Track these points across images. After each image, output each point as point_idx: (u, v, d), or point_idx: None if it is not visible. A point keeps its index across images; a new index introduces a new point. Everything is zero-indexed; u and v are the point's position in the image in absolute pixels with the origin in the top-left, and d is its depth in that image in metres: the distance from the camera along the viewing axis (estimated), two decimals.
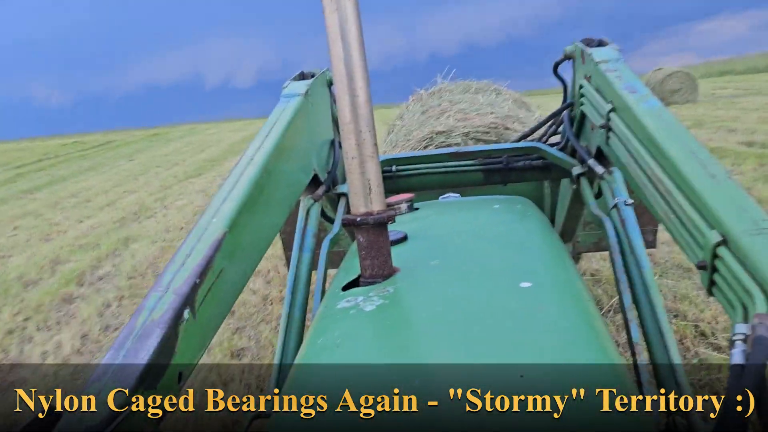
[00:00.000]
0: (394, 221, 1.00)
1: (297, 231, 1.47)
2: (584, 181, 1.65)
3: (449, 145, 3.21)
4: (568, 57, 1.83)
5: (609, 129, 1.43)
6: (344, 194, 1.72)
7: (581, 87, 1.68)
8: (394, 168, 2.04)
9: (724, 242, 0.87)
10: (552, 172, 1.92)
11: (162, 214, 7.49)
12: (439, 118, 3.53)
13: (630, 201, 1.33)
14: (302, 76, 1.73)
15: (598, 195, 1.56)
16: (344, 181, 1.48)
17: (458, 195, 1.73)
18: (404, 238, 1.20)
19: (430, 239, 1.25)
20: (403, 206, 1.15)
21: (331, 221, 1.70)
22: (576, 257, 2.82)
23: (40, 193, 10.50)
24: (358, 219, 0.96)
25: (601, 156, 1.58)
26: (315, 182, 1.61)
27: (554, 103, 2.24)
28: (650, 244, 2.44)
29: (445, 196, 1.73)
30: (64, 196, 9.82)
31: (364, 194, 0.96)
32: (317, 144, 1.68)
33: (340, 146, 1.39)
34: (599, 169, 1.53)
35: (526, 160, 1.94)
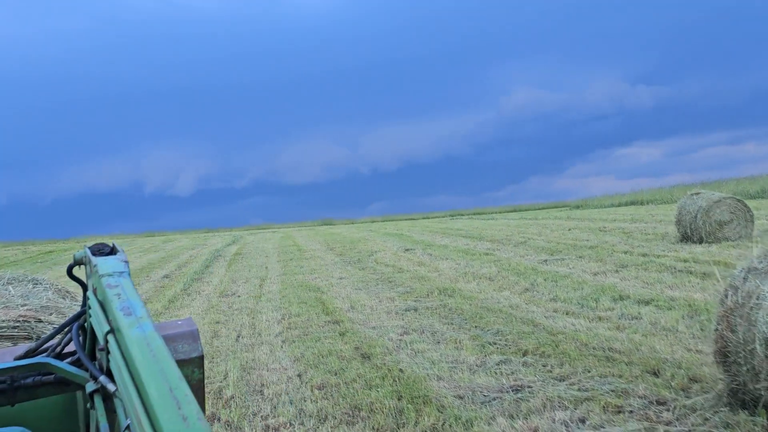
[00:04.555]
0: None
1: None
2: (98, 399, 1.56)
3: None
4: (78, 263, 1.78)
5: (108, 352, 1.42)
6: None
7: (89, 299, 1.69)
8: None
9: None
10: (71, 386, 1.76)
11: None
12: None
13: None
14: None
15: (114, 413, 1.46)
16: None
17: None
18: None
19: None
20: None
21: None
22: None
23: None
24: None
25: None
26: None
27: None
28: None
29: None
30: None
31: None
32: None
33: None
34: (111, 387, 1.44)
35: (38, 375, 1.75)
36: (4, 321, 3.09)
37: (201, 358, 1.79)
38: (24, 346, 1.95)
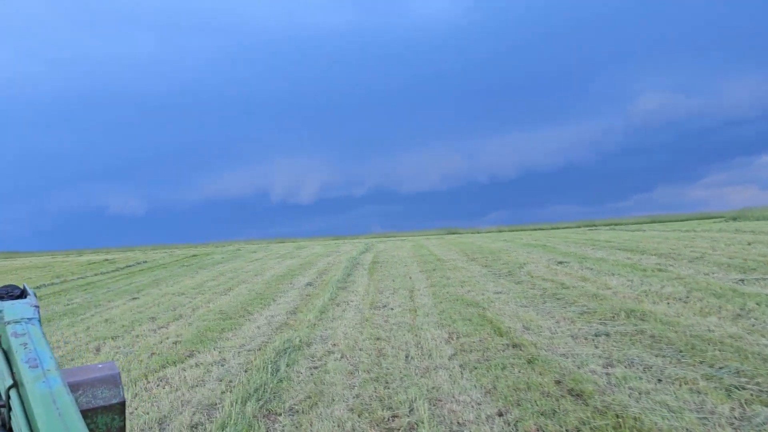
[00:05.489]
0: None
1: None
2: None
3: None
4: None
5: (9, 408, 1.31)
6: None
7: None
8: None
9: None
10: None
11: None
12: None
13: None
14: None
15: None
16: None
17: None
18: None
19: None
20: None
21: None
22: None
23: None
24: None
25: None
26: None
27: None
28: None
29: None
30: None
31: None
32: None
33: None
34: None
35: None
36: None
37: (122, 404, 1.67)
38: None
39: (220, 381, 5.87)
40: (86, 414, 1.61)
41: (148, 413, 5.00)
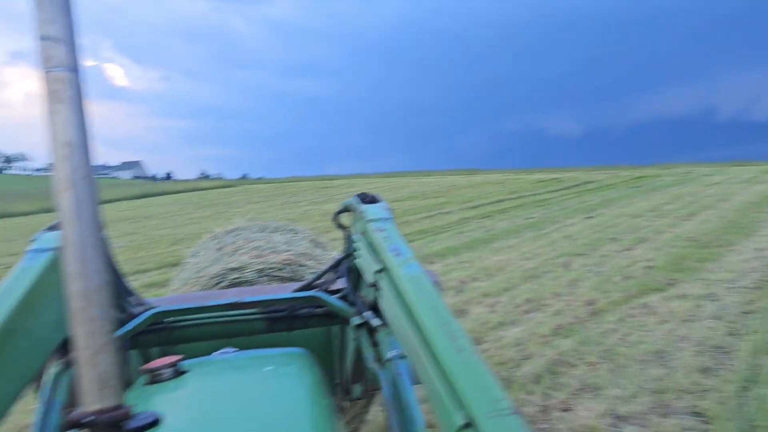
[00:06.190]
0: (131, 418, 0.88)
1: (40, 403, 1.34)
2: (363, 333, 1.71)
3: (242, 282, 3.37)
4: (347, 209, 1.95)
5: (377, 288, 1.55)
6: None
7: (356, 241, 1.84)
8: (167, 320, 1.94)
9: (468, 425, 0.92)
10: (336, 319, 2.00)
11: None
12: (233, 255, 3.71)
13: (403, 355, 1.39)
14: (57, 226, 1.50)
15: (377, 346, 1.62)
16: None
17: (235, 349, 1.72)
18: (153, 424, 1.00)
19: (186, 418, 1.14)
20: (166, 373, 1.25)
21: None
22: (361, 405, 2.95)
23: None
24: (86, 419, 0.85)
25: (378, 308, 1.65)
26: (68, 344, 1.40)
27: None
28: None
29: (221, 351, 1.70)
30: None
31: (98, 389, 0.85)
32: None
33: None
34: (375, 322, 1.60)
35: (310, 307, 2.01)
36: (273, 263, 3.47)
37: None
38: (296, 284, 2.21)
39: (717, 319, 5.08)
40: None
41: (642, 342, 4.63)
